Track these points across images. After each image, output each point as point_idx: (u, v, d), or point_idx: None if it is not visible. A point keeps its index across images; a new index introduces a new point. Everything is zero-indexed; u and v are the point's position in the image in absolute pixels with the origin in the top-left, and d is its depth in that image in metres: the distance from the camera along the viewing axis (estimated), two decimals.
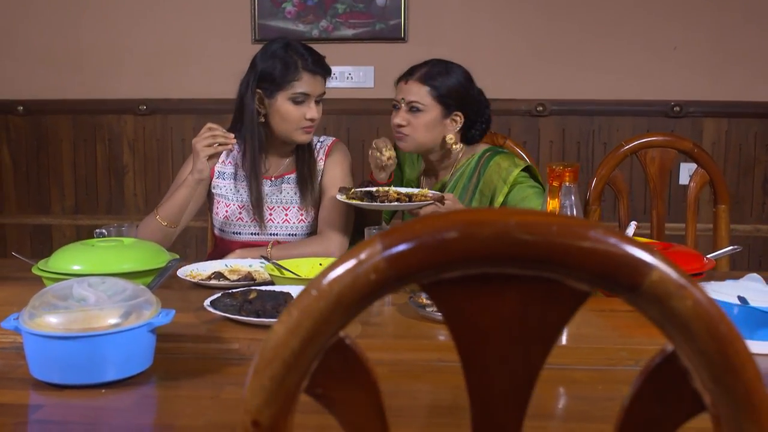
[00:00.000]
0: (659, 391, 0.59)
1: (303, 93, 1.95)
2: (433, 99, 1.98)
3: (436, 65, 2.05)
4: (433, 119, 1.99)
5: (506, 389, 0.60)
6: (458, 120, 2.03)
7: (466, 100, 2.04)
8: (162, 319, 1.12)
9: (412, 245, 0.56)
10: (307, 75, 1.95)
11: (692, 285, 0.55)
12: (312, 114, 1.96)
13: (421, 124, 1.98)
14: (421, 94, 1.98)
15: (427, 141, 2.03)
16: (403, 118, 2.00)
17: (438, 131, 2.02)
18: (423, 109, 1.98)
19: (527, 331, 0.58)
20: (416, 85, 1.99)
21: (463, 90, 2.03)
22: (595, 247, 0.55)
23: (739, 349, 0.56)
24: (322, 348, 0.60)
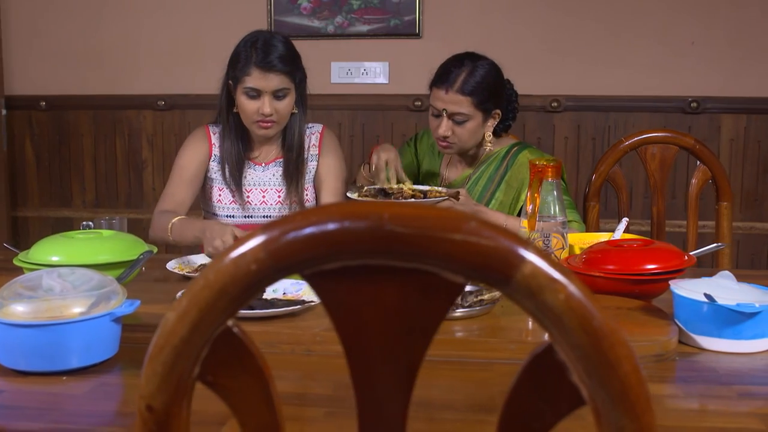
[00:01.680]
0: (538, 385, 0.59)
1: (252, 88, 1.95)
2: (475, 108, 1.99)
3: (470, 66, 2.03)
4: (476, 126, 2.02)
5: (389, 379, 0.60)
6: (497, 117, 2.06)
7: (501, 97, 2.06)
8: (125, 309, 1.14)
9: (291, 237, 0.57)
10: (256, 71, 1.94)
11: (566, 278, 0.55)
12: (264, 109, 1.95)
13: (465, 134, 2.01)
14: (463, 105, 1.98)
15: (471, 145, 2.06)
16: (447, 129, 1.99)
17: (480, 133, 2.05)
18: (467, 119, 1.99)
19: (407, 322, 0.59)
20: (457, 96, 1.98)
21: (499, 88, 2.05)
22: (467, 239, 0.55)
23: (615, 344, 0.55)
24: (210, 336, 0.61)
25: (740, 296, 1.23)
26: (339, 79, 3.60)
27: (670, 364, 1.17)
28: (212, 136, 2.12)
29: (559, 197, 1.58)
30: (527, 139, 3.47)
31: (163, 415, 0.63)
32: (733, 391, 1.06)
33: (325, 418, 0.98)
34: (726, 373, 1.13)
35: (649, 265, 1.43)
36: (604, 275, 1.43)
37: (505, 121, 2.10)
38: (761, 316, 1.20)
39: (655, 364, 1.16)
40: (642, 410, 0.56)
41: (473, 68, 2.00)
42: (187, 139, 2.16)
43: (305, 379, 1.15)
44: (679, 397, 1.04)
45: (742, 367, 1.16)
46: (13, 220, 3.72)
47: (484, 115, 2.01)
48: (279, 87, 1.96)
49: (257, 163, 2.09)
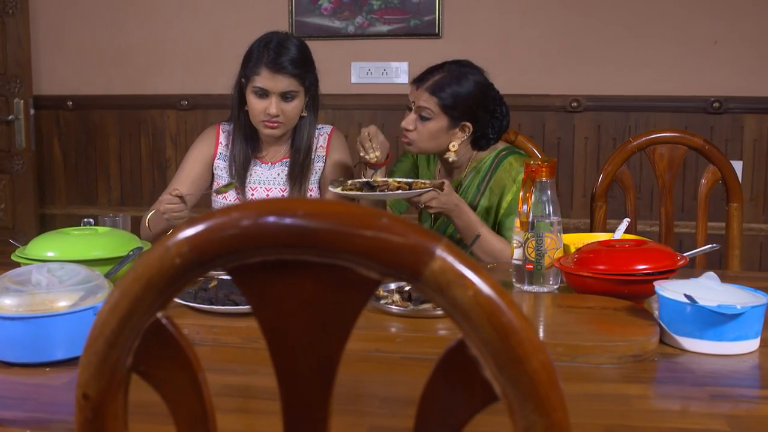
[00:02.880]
0: (452, 380, 0.59)
1: (261, 88, 1.97)
2: (441, 110, 1.97)
3: (450, 73, 2.00)
4: (439, 129, 1.98)
5: (310, 371, 0.61)
6: (467, 130, 2.02)
7: (477, 112, 2.01)
8: None
9: (212, 232, 0.59)
10: (266, 71, 1.96)
11: (475, 275, 0.56)
12: (271, 110, 1.97)
13: (426, 132, 1.98)
14: (429, 102, 1.97)
15: (430, 148, 2.03)
16: (410, 122, 2.00)
17: (443, 140, 2.01)
18: (430, 118, 1.97)
19: (324, 316, 0.60)
20: (425, 94, 1.98)
21: (474, 102, 1.99)
22: (378, 236, 0.56)
23: (524, 340, 0.56)
24: (141, 328, 0.63)
25: (723, 297, 1.21)
26: (359, 79, 3.62)
27: (650, 365, 1.16)
28: (221, 134, 2.15)
29: (553, 197, 1.58)
30: (547, 140, 3.46)
31: (98, 402, 0.65)
32: (706, 393, 1.05)
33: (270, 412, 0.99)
34: (703, 375, 1.12)
35: (639, 265, 1.42)
36: (592, 275, 1.42)
37: (486, 137, 2.05)
38: (744, 318, 1.19)
39: (633, 365, 1.15)
40: (553, 407, 0.56)
41: (452, 75, 1.98)
42: (198, 136, 2.20)
43: None
44: (649, 398, 1.03)
45: (721, 369, 1.14)
46: (41, 217, 3.81)
47: (450, 121, 1.98)
48: (287, 89, 1.98)
49: (264, 161, 2.12)
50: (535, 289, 1.55)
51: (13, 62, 3.62)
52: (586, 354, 1.15)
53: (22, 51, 3.61)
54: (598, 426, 0.93)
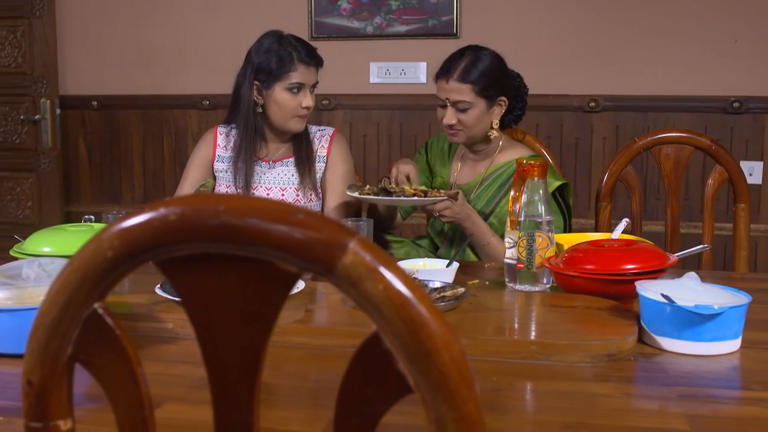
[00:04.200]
0: (367, 372, 0.61)
1: (298, 83, 2.04)
2: (477, 95, 2.00)
3: (470, 57, 2.04)
4: (481, 112, 2.02)
5: (236, 363, 0.63)
6: (503, 104, 2.06)
7: (505, 84, 2.07)
8: None
9: (141, 226, 0.61)
10: (302, 66, 2.04)
11: (386, 269, 0.57)
12: (307, 102, 2.06)
13: (469, 122, 2.01)
14: (464, 92, 1.99)
15: (479, 132, 2.06)
16: (452, 118, 2.02)
17: (487, 120, 2.05)
18: (469, 107, 2.00)
19: (248, 309, 0.62)
20: (458, 85, 2.00)
21: (501, 75, 2.05)
22: (292, 230, 0.58)
23: (433, 334, 0.57)
24: (79, 318, 0.65)
25: (702, 298, 1.21)
26: (378, 79, 3.64)
27: (625, 364, 1.16)
28: (219, 136, 2.19)
29: (545, 197, 1.58)
30: (564, 140, 3.44)
31: (41, 389, 0.68)
32: (675, 393, 1.04)
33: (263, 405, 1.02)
34: (677, 375, 1.12)
35: (627, 265, 1.42)
36: (579, 275, 1.42)
37: (513, 111, 2.10)
38: (722, 319, 1.18)
39: (607, 364, 1.15)
40: (463, 399, 0.58)
41: (474, 58, 2.02)
42: (196, 144, 2.25)
43: None
44: (615, 397, 1.03)
45: (696, 369, 1.14)
46: (66, 215, 3.89)
47: (488, 101, 2.01)
48: (316, 80, 2.09)
49: (264, 160, 2.15)
50: (526, 288, 1.56)
51: (39, 63, 3.71)
52: (560, 353, 1.16)
53: (48, 52, 3.70)
54: (557, 423, 0.94)
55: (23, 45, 3.71)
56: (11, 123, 3.78)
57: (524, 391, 1.06)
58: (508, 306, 1.41)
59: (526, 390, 1.06)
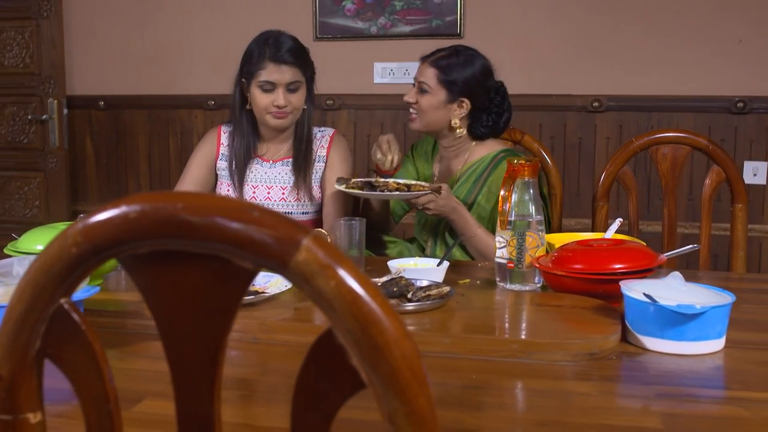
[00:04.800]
0: (322, 367, 0.62)
1: (267, 81, 2.04)
2: (438, 82, 2.03)
3: (456, 52, 2.08)
4: (438, 102, 2.04)
5: (197, 357, 0.65)
6: (464, 106, 2.06)
7: (474, 90, 2.06)
8: (80, 294, 1.22)
9: (102, 223, 0.62)
10: (271, 64, 2.03)
11: (339, 266, 0.58)
12: (279, 101, 2.04)
13: (425, 104, 2.05)
14: (429, 75, 2.05)
15: (432, 121, 2.07)
16: (411, 96, 2.08)
17: (443, 114, 2.06)
18: (429, 91, 2.04)
19: (207, 304, 0.63)
20: (426, 67, 2.07)
21: (473, 79, 2.05)
22: (248, 227, 0.59)
23: (385, 330, 0.58)
24: (45, 313, 0.67)
25: (685, 297, 1.21)
26: (382, 79, 3.65)
27: (606, 363, 1.17)
28: (222, 135, 2.21)
29: (535, 196, 1.59)
30: (568, 140, 3.44)
31: (11, 382, 0.69)
32: (653, 391, 1.05)
33: (236, 400, 1.03)
34: (657, 374, 1.13)
35: (616, 264, 1.43)
36: (566, 274, 1.43)
37: (482, 124, 2.08)
38: (705, 318, 1.19)
39: (589, 363, 1.16)
40: (413, 394, 0.59)
41: (455, 52, 2.06)
42: (200, 140, 2.27)
43: (238, 365, 1.20)
44: (592, 395, 1.04)
45: (677, 368, 1.14)
46: (73, 214, 3.92)
47: (448, 95, 2.03)
48: (292, 80, 2.05)
49: (265, 159, 2.16)
50: (517, 287, 1.56)
51: (47, 63, 3.74)
52: (542, 351, 1.16)
53: (56, 52, 3.73)
54: (531, 421, 0.94)
55: (31, 46, 3.75)
56: (19, 123, 3.82)
57: (502, 389, 1.06)
58: (494, 305, 1.41)
59: (504, 388, 1.07)
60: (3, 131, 3.85)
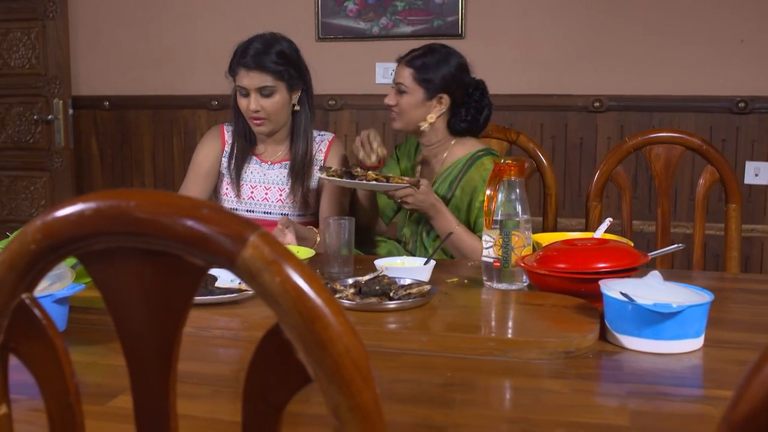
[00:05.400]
0: (270, 362, 0.63)
1: (241, 87, 2.06)
2: (414, 81, 2.05)
3: (430, 50, 2.09)
4: (416, 101, 2.06)
5: (152, 351, 0.66)
6: (443, 102, 2.07)
7: (451, 86, 2.07)
8: (65, 291, 1.25)
9: (60, 220, 0.64)
10: (241, 70, 2.05)
11: (285, 262, 0.60)
12: (251, 105, 2.05)
13: (404, 105, 2.07)
14: (405, 76, 2.06)
15: (412, 120, 2.09)
16: (391, 98, 2.10)
17: (423, 111, 2.08)
18: (407, 91, 2.06)
19: (160, 300, 0.64)
20: (402, 68, 2.08)
21: (448, 75, 2.07)
22: (197, 224, 0.60)
23: (328, 325, 0.59)
24: (8, 308, 0.69)
25: (663, 296, 1.21)
26: (384, 79, 3.66)
27: (582, 362, 1.17)
28: (226, 133, 2.23)
29: (521, 196, 1.59)
30: (569, 140, 3.44)
31: None
32: (625, 389, 1.06)
33: (209, 395, 1.05)
34: (632, 372, 1.13)
35: (599, 264, 1.43)
36: (549, 273, 1.44)
37: (461, 119, 2.09)
38: (682, 317, 1.19)
39: (565, 361, 1.16)
40: (357, 389, 0.60)
41: (428, 51, 2.07)
42: (203, 137, 2.28)
43: (219, 362, 1.22)
44: (564, 393, 1.04)
45: (653, 367, 1.15)
46: None
47: (425, 93, 2.05)
48: (261, 85, 2.04)
49: (263, 160, 2.17)
50: (503, 286, 1.57)
51: (53, 64, 3.78)
52: (518, 349, 1.17)
53: (61, 53, 3.77)
54: (499, 417, 0.95)
55: (37, 47, 3.78)
56: (25, 123, 3.85)
57: (475, 386, 1.07)
58: (476, 304, 1.42)
59: (477, 385, 1.08)
60: (9, 131, 3.89)
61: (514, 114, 3.45)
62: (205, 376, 1.13)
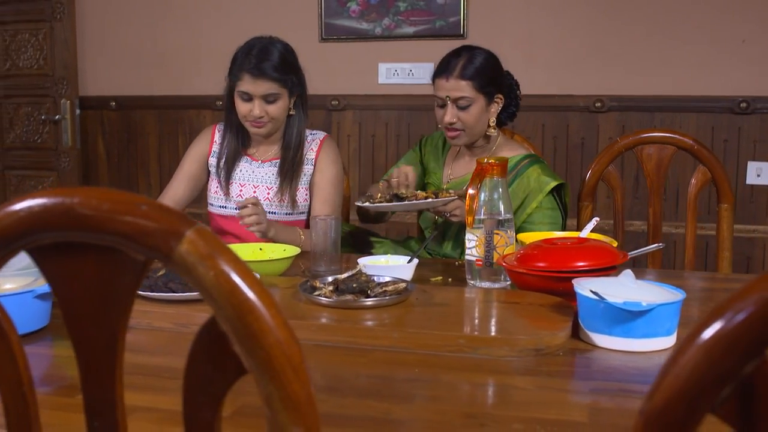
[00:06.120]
0: (208, 353, 0.65)
1: (244, 92, 2.06)
2: (477, 91, 2.01)
3: (467, 55, 2.05)
4: (481, 109, 2.03)
5: (98, 343, 0.68)
6: (499, 102, 2.07)
7: (501, 82, 2.08)
8: (47, 287, 1.27)
9: (9, 215, 0.66)
10: (247, 76, 2.05)
11: (219, 257, 0.62)
12: (255, 111, 2.06)
13: (470, 119, 2.02)
14: (465, 89, 2.00)
15: (478, 130, 2.07)
16: (452, 115, 2.02)
17: (485, 118, 2.06)
18: (470, 104, 2.01)
19: (105, 293, 0.67)
20: (458, 82, 2.01)
21: (496, 73, 2.07)
22: (137, 221, 0.62)
23: (259, 317, 0.61)
24: None
25: (633, 295, 1.22)
26: (386, 79, 3.68)
27: (552, 359, 1.18)
28: (216, 134, 2.25)
29: (504, 195, 1.61)
30: (570, 140, 3.44)
31: None
32: (589, 387, 1.07)
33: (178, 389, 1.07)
34: (599, 370, 1.14)
35: (578, 263, 1.44)
36: (527, 272, 1.45)
37: (508, 108, 2.11)
38: (653, 316, 1.20)
39: (534, 358, 1.17)
40: (288, 380, 0.62)
41: (471, 56, 2.04)
42: (195, 137, 2.31)
43: None
44: (528, 389, 1.06)
45: (621, 365, 1.16)
46: None
47: (487, 98, 2.03)
48: (268, 92, 2.06)
49: (254, 158, 2.20)
50: (487, 285, 1.59)
51: (60, 65, 3.83)
52: (488, 346, 1.18)
53: (68, 54, 3.82)
54: (457, 412, 0.97)
55: (45, 48, 3.83)
56: (33, 123, 3.91)
57: (440, 382, 1.09)
58: (453, 302, 1.43)
59: (442, 381, 1.09)
60: (18, 131, 3.94)
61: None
62: (180, 371, 1.15)
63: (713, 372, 0.55)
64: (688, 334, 0.55)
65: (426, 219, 2.21)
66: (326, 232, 1.73)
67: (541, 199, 1.98)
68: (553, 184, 2.00)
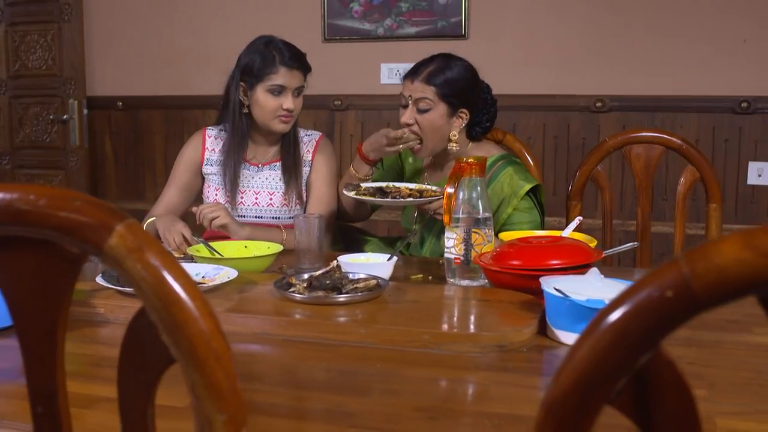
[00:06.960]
0: (139, 342, 0.68)
1: (279, 85, 2.06)
2: (439, 98, 1.99)
3: (440, 63, 2.05)
4: (439, 117, 1.99)
5: (39, 333, 0.71)
6: (464, 117, 2.03)
7: (471, 97, 2.04)
8: None
9: None
10: (283, 69, 2.06)
11: (147, 250, 0.64)
12: (288, 105, 2.07)
13: (428, 124, 1.99)
14: (427, 92, 1.99)
15: (437, 142, 2.03)
16: (410, 117, 2.01)
17: (445, 131, 2.02)
18: (429, 108, 1.99)
19: (44, 285, 0.70)
20: (422, 85, 2.00)
21: (467, 86, 2.02)
22: (70, 216, 0.65)
23: (184, 308, 0.64)
24: None
25: (597, 293, 1.24)
26: (388, 80, 3.70)
27: (515, 355, 1.20)
28: (207, 139, 2.25)
29: (483, 194, 1.62)
30: (571, 140, 3.45)
31: None
32: (546, 382, 1.08)
33: None
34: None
35: (552, 261, 1.46)
36: (500, 270, 1.46)
37: (481, 125, 2.07)
38: None
39: (498, 354, 1.19)
40: (211, 369, 0.64)
41: (443, 64, 2.02)
42: (184, 145, 2.32)
43: None
44: (485, 385, 1.08)
45: None
46: None
47: (449, 108, 1.99)
48: (300, 84, 2.10)
49: (252, 163, 2.19)
50: (465, 283, 1.60)
51: (68, 65, 3.89)
52: (451, 342, 1.20)
53: (76, 54, 3.88)
54: (409, 406, 0.99)
55: (53, 48, 3.90)
56: (41, 123, 3.97)
57: (399, 377, 1.11)
58: (426, 299, 1.45)
59: (401, 376, 1.11)
60: (27, 131, 4.01)
61: (517, 114, 3.47)
62: None
63: (607, 364, 0.57)
64: (587, 326, 0.57)
65: (408, 219, 2.21)
66: (310, 230, 1.75)
67: (516, 203, 1.97)
68: (528, 186, 1.97)
